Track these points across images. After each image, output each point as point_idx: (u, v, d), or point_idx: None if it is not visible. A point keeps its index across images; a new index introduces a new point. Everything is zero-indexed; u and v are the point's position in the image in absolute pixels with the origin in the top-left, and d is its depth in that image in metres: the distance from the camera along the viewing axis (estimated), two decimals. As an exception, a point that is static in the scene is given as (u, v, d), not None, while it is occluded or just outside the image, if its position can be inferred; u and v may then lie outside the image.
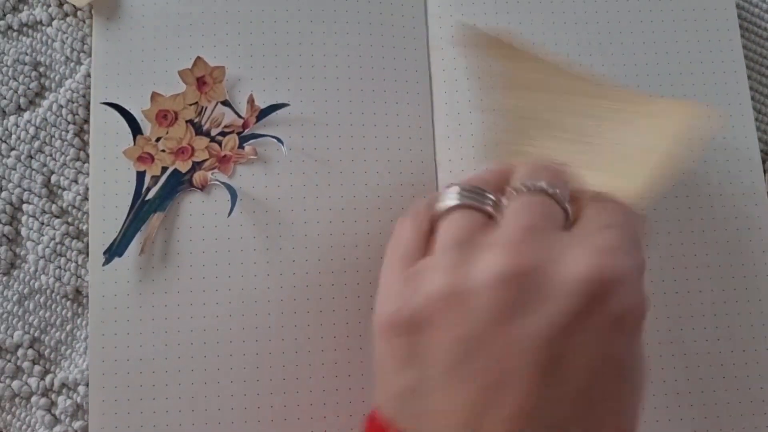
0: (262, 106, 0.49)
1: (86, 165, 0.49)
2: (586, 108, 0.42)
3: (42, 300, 0.48)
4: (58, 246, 0.48)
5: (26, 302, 0.48)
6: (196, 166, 0.49)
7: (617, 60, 0.52)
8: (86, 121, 0.50)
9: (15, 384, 0.47)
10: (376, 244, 0.48)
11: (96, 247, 0.47)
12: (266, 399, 0.46)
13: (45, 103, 0.51)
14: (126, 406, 0.45)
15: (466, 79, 0.51)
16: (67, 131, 0.50)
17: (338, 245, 0.48)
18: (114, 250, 0.47)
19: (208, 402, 0.46)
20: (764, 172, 0.51)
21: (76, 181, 0.49)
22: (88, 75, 0.51)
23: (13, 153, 0.50)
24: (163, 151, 0.49)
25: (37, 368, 0.47)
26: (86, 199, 0.49)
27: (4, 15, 0.52)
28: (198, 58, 0.49)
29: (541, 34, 0.52)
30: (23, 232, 0.49)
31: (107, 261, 0.47)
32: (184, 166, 0.48)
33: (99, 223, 0.47)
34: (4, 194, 0.49)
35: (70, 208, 0.49)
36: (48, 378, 0.47)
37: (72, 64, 0.51)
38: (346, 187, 0.49)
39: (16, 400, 0.47)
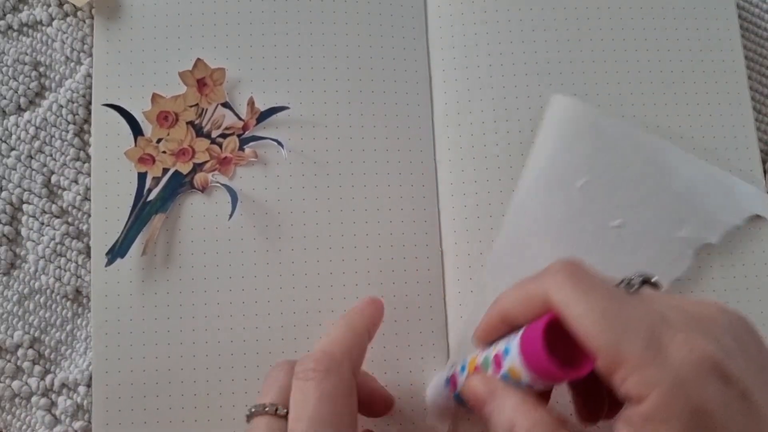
0: (262, 108, 0.49)
1: (86, 165, 0.50)
2: None
3: (42, 300, 0.48)
4: (58, 246, 0.48)
5: (26, 302, 0.48)
6: (197, 167, 0.49)
7: (617, 60, 0.52)
8: (86, 121, 0.50)
9: (15, 384, 0.47)
10: (375, 245, 0.48)
11: (98, 248, 0.47)
12: (266, 399, 0.46)
13: (45, 103, 0.51)
14: (129, 404, 0.46)
15: (465, 79, 0.51)
16: (67, 131, 0.50)
17: (337, 246, 0.48)
18: (116, 251, 0.47)
19: (210, 401, 0.46)
20: (764, 172, 0.51)
21: (76, 181, 0.49)
22: (88, 75, 0.51)
23: (13, 153, 0.50)
24: (164, 152, 0.49)
25: (37, 368, 0.47)
26: (86, 199, 0.49)
27: (4, 15, 0.52)
28: (198, 59, 0.49)
29: (540, 35, 0.52)
30: (23, 232, 0.49)
31: (110, 262, 0.47)
32: (185, 168, 0.48)
33: (101, 224, 0.48)
34: (4, 194, 0.49)
35: (70, 208, 0.49)
36: (48, 378, 0.47)
37: (72, 64, 0.51)
38: (346, 188, 0.49)
39: (16, 400, 0.47)
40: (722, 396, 0.31)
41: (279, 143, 0.48)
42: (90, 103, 0.50)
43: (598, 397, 0.39)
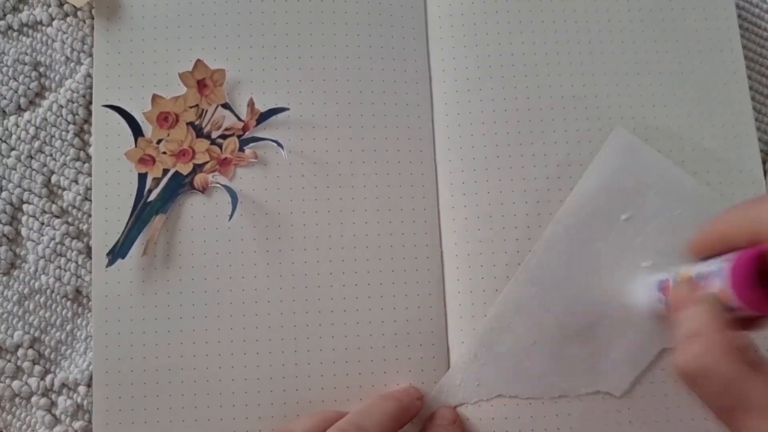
0: (262, 109, 0.49)
1: (86, 165, 0.50)
2: None
3: (42, 300, 0.48)
4: (58, 246, 0.48)
5: (26, 302, 0.48)
6: (197, 168, 0.49)
7: (617, 60, 0.52)
8: (86, 121, 0.50)
9: (15, 384, 0.47)
10: (375, 245, 0.48)
11: (99, 248, 0.47)
12: (266, 397, 0.46)
13: (45, 103, 0.51)
14: (129, 404, 0.46)
15: (465, 79, 0.51)
16: (67, 131, 0.50)
17: (337, 246, 0.48)
18: (117, 252, 0.47)
19: (210, 400, 0.46)
20: (764, 172, 0.51)
21: (76, 181, 0.49)
22: (88, 75, 0.51)
23: (13, 153, 0.50)
24: (164, 153, 0.49)
25: (37, 368, 0.47)
26: (86, 199, 0.49)
27: (4, 15, 0.52)
28: (198, 61, 0.49)
29: (540, 34, 0.52)
30: (23, 232, 0.49)
31: (110, 263, 0.47)
32: (185, 169, 0.48)
33: (101, 225, 0.48)
34: (4, 194, 0.49)
35: (70, 208, 0.49)
36: (48, 378, 0.47)
37: (72, 64, 0.51)
38: (346, 189, 0.49)
39: (16, 400, 0.47)
40: None
41: (279, 144, 0.48)
42: (90, 103, 0.50)
43: None
